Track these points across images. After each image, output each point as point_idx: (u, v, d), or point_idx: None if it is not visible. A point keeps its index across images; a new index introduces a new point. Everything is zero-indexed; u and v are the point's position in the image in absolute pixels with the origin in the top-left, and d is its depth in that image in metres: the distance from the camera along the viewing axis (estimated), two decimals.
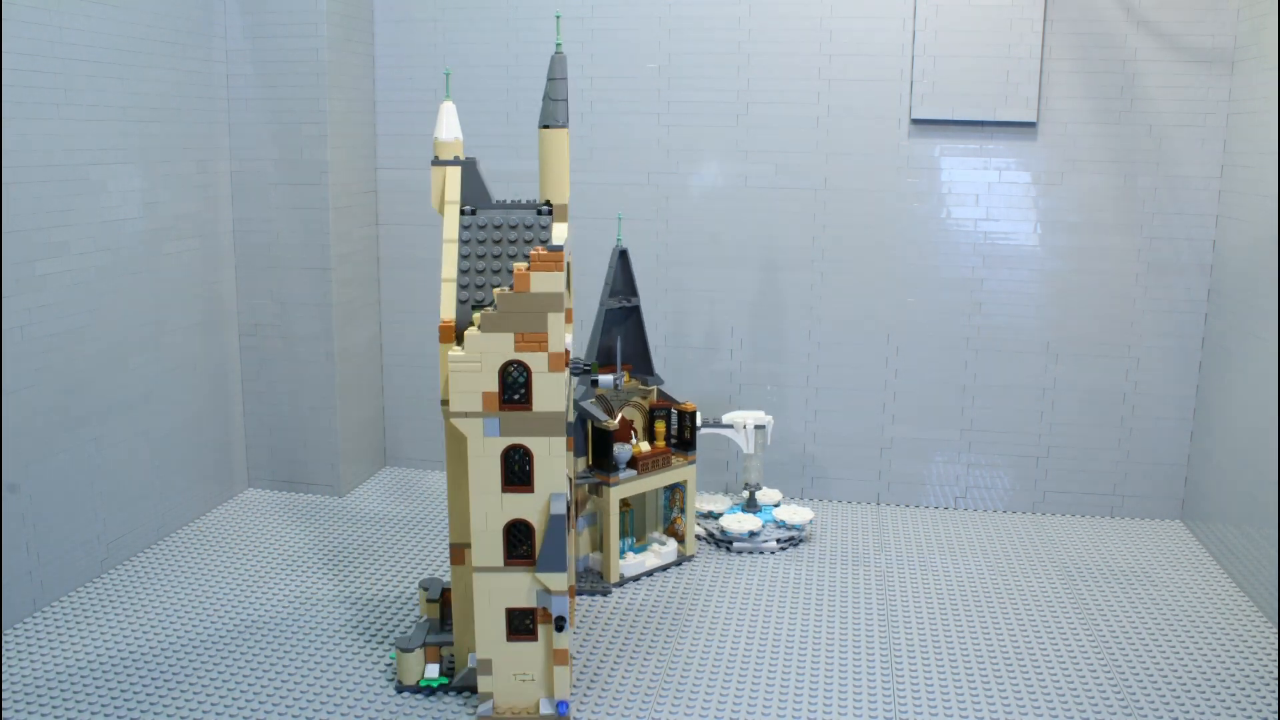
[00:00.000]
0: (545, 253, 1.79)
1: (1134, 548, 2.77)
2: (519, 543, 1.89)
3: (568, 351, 1.90)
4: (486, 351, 1.81)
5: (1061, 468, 2.99)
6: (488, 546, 1.88)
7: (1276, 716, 1.97)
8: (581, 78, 3.03)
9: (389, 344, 3.27)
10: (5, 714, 1.91)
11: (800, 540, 2.76)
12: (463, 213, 1.98)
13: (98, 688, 2.00)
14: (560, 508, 1.85)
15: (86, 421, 2.44)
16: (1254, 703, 2.01)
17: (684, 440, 2.63)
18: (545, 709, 1.92)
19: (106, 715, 1.91)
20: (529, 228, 1.99)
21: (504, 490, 1.86)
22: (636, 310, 2.62)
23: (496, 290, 1.83)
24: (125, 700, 1.96)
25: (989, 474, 3.02)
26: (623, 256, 2.57)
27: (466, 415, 1.83)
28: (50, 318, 2.32)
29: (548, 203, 2.03)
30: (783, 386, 3.06)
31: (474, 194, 2.00)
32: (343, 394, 3.04)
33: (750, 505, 2.83)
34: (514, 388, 1.83)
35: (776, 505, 2.88)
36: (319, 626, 2.27)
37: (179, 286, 2.76)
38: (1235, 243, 2.70)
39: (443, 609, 2.15)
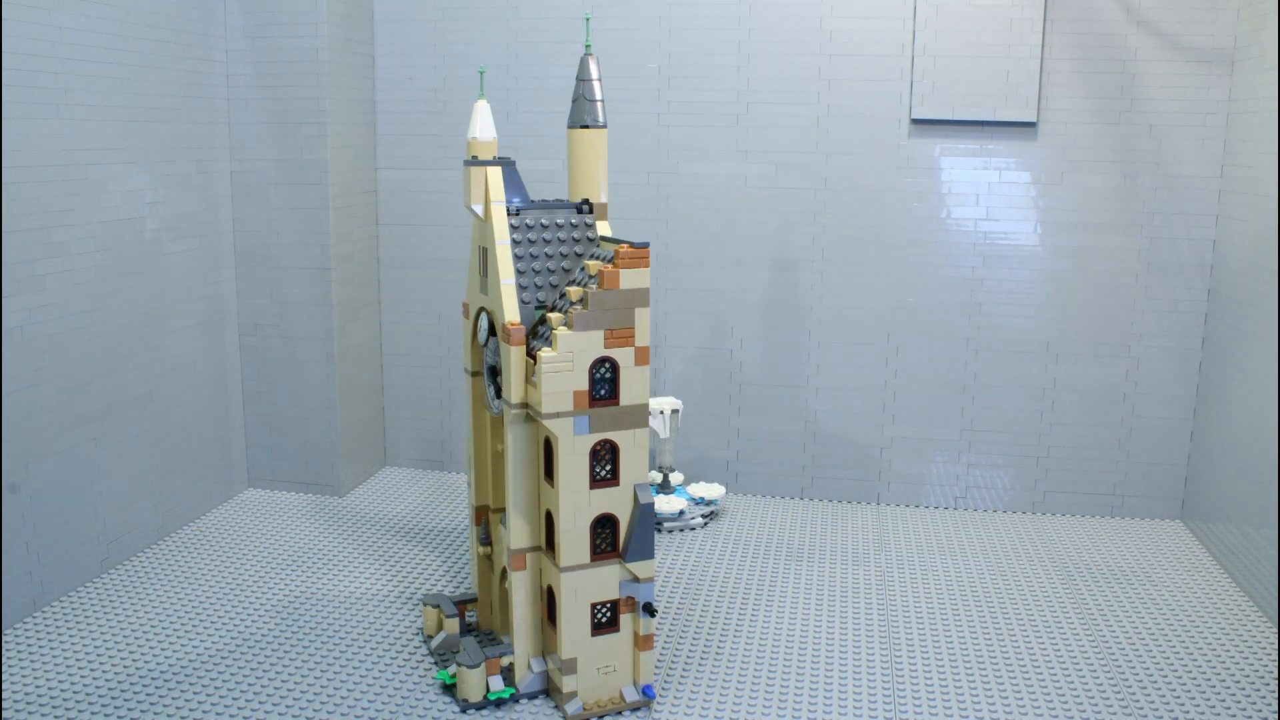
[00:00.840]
0: (632, 250, 1.85)
1: (1134, 548, 2.77)
2: (602, 536, 1.93)
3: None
4: (578, 350, 1.84)
5: (1061, 468, 2.99)
6: (576, 545, 1.90)
7: (1277, 716, 1.97)
8: None
9: (389, 344, 3.27)
10: (5, 714, 1.91)
11: (716, 514, 2.95)
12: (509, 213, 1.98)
13: (98, 688, 2.00)
14: (648, 496, 1.92)
15: (86, 421, 2.44)
16: (1254, 703, 2.01)
17: None
18: (629, 695, 1.97)
19: (106, 715, 1.91)
20: (575, 226, 2.01)
21: (591, 487, 1.89)
22: None
23: (574, 289, 1.88)
24: (125, 700, 1.96)
25: (989, 474, 3.02)
26: None
27: (558, 415, 1.84)
28: (50, 318, 2.32)
29: (586, 200, 2.04)
30: (783, 386, 3.06)
31: (513, 194, 2.01)
32: (343, 394, 3.04)
33: (664, 487, 2.94)
34: (600, 384, 1.87)
35: (684, 484, 3.03)
36: (319, 627, 2.27)
37: (179, 286, 2.76)
38: (1235, 243, 2.70)
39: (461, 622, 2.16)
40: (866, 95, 2.91)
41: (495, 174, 1.95)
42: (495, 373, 2.03)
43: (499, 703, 1.97)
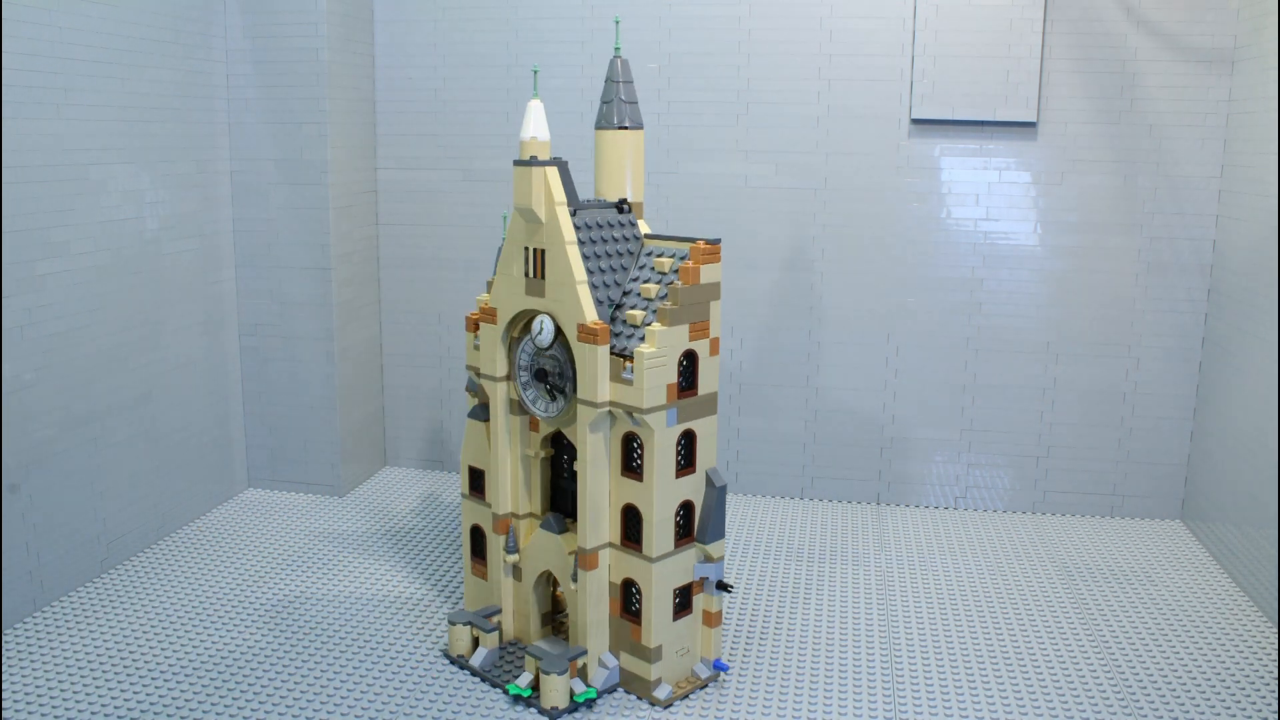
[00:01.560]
0: (706, 245, 1.93)
1: (1134, 548, 2.77)
2: (677, 523, 1.99)
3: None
4: (671, 345, 1.90)
5: (1061, 468, 2.99)
6: (664, 534, 1.95)
7: (1277, 716, 1.97)
8: (581, 77, 3.03)
9: (389, 344, 3.27)
10: (5, 714, 1.91)
11: None
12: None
13: (98, 688, 2.00)
14: (720, 479, 2.01)
15: (86, 421, 2.44)
16: (1254, 703, 2.01)
17: None
18: (701, 673, 2.05)
19: (106, 715, 1.91)
20: (622, 225, 2.04)
21: (676, 476, 1.95)
22: None
23: (649, 286, 1.94)
24: (125, 700, 1.96)
25: (989, 474, 3.02)
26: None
27: (655, 410, 1.88)
28: (50, 318, 2.32)
29: (624, 200, 2.05)
30: (783, 386, 3.06)
31: (567, 195, 2.01)
32: (343, 394, 3.04)
33: None
34: (682, 376, 1.95)
35: None
36: (319, 627, 2.27)
37: (179, 286, 2.76)
38: (1235, 243, 2.70)
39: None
40: (866, 95, 2.91)
41: (554, 174, 1.93)
42: (545, 376, 2.01)
43: (588, 703, 1.97)
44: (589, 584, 1.98)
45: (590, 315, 1.90)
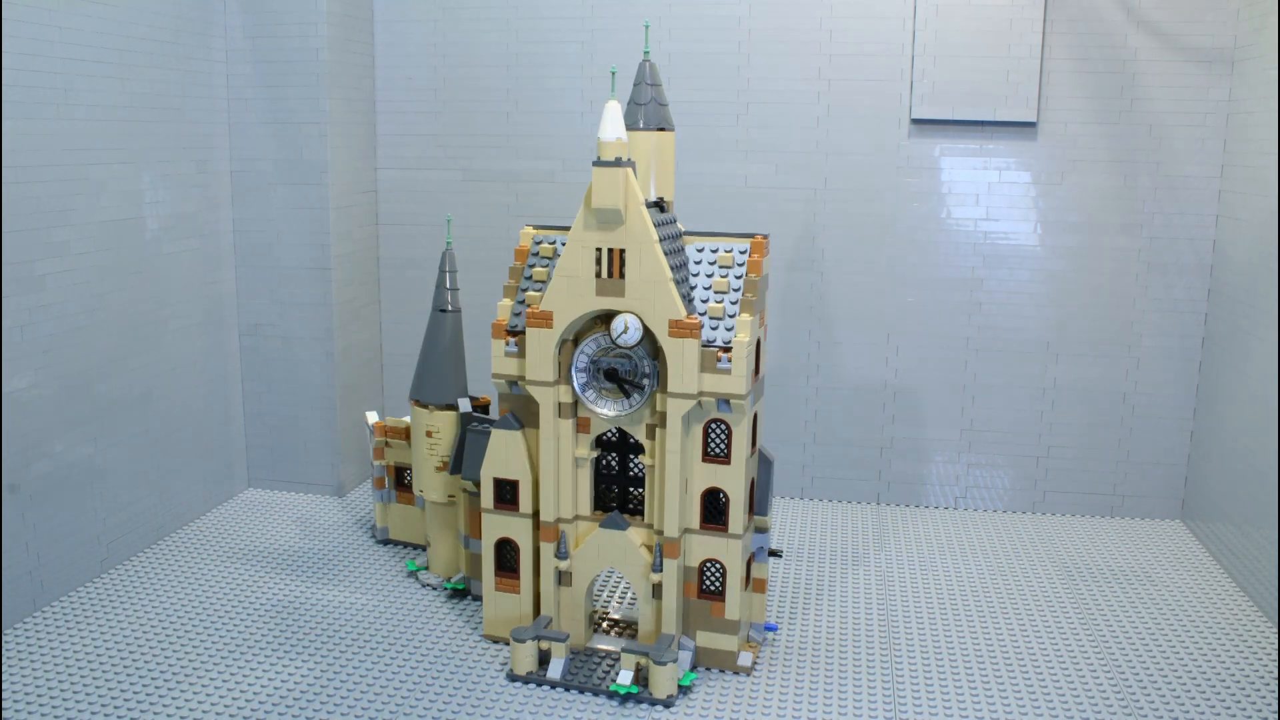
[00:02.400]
0: (761, 239, 2.07)
1: (1134, 548, 2.77)
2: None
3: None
4: (754, 334, 2.02)
5: (1061, 468, 2.99)
6: (741, 512, 2.06)
7: (1277, 716, 1.97)
8: (581, 78, 3.03)
9: (389, 344, 3.27)
10: (5, 714, 1.91)
11: None
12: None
13: (98, 688, 2.00)
14: (770, 454, 2.17)
15: (86, 421, 2.44)
16: (1254, 703, 2.01)
17: None
18: (754, 636, 2.21)
19: (106, 715, 1.91)
20: (666, 224, 2.07)
21: (749, 455, 2.07)
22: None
23: (722, 280, 2.03)
24: (125, 700, 1.96)
25: (989, 474, 3.02)
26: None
27: (743, 396, 1.98)
28: (50, 318, 2.32)
29: (661, 199, 2.10)
30: (782, 386, 3.06)
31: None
32: (343, 394, 3.04)
33: None
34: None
35: None
36: (319, 627, 2.27)
37: (179, 286, 2.76)
38: (1235, 243, 2.70)
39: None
40: (866, 95, 2.91)
41: (632, 175, 1.95)
42: (616, 375, 2.02)
43: (690, 686, 2.04)
44: (672, 571, 2.05)
45: (683, 311, 1.95)
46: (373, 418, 2.72)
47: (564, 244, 2.06)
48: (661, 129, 2.08)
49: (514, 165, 3.10)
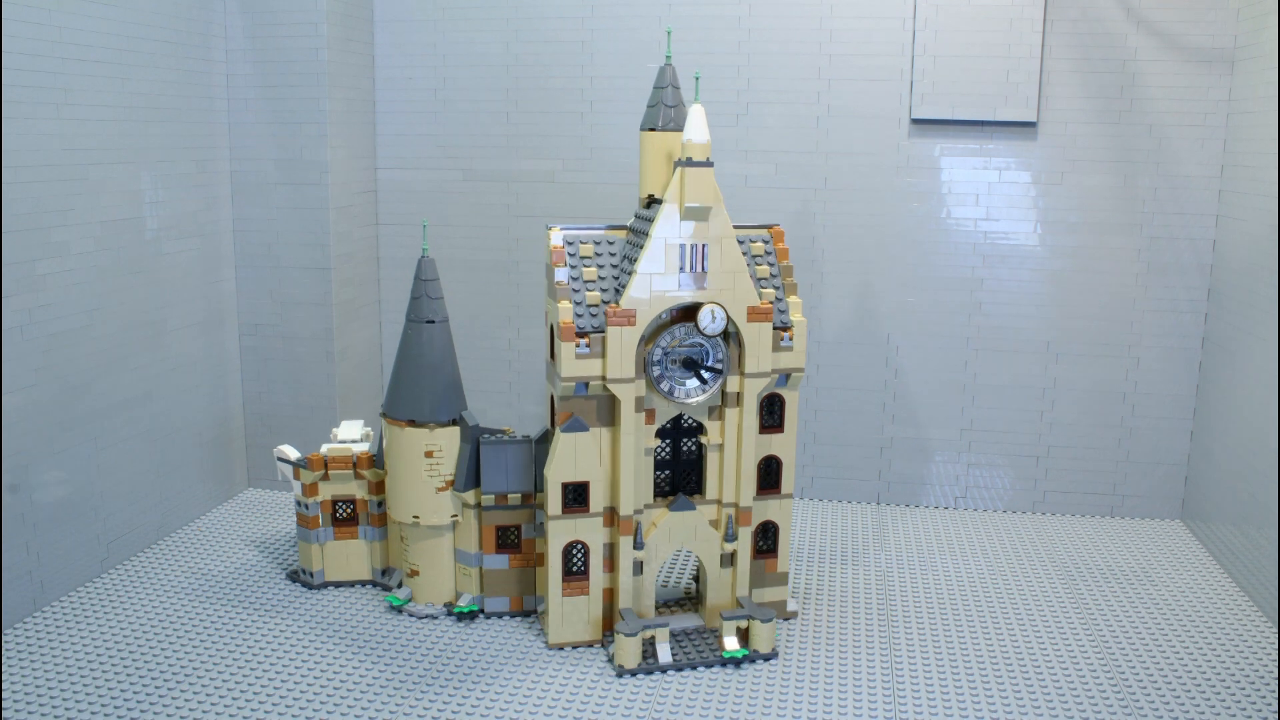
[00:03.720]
0: (779, 229, 2.28)
1: (1134, 548, 2.77)
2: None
3: None
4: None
5: (1061, 468, 2.99)
6: (790, 476, 2.29)
7: (1277, 716, 1.97)
8: (581, 77, 3.03)
9: (389, 344, 3.27)
10: (5, 714, 1.91)
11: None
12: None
13: (98, 688, 2.00)
14: None
15: (86, 421, 2.44)
16: (1254, 703, 2.01)
17: None
18: None
19: (106, 715, 1.91)
20: None
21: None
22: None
23: (763, 267, 2.22)
24: (125, 700, 1.96)
25: (989, 474, 3.02)
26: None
27: (803, 370, 2.22)
28: (50, 318, 2.32)
29: (651, 197, 2.23)
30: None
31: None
32: (343, 394, 3.04)
33: None
34: None
35: None
36: (320, 627, 2.27)
37: (179, 286, 2.76)
38: (1235, 243, 2.70)
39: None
40: (866, 95, 2.91)
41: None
42: (694, 363, 2.16)
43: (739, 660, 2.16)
44: (746, 538, 2.23)
45: (759, 297, 2.16)
46: (293, 453, 2.48)
47: (609, 242, 2.20)
48: (666, 129, 2.20)
49: (514, 165, 3.10)
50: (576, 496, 2.17)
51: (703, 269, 2.10)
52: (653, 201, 2.17)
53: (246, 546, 2.69)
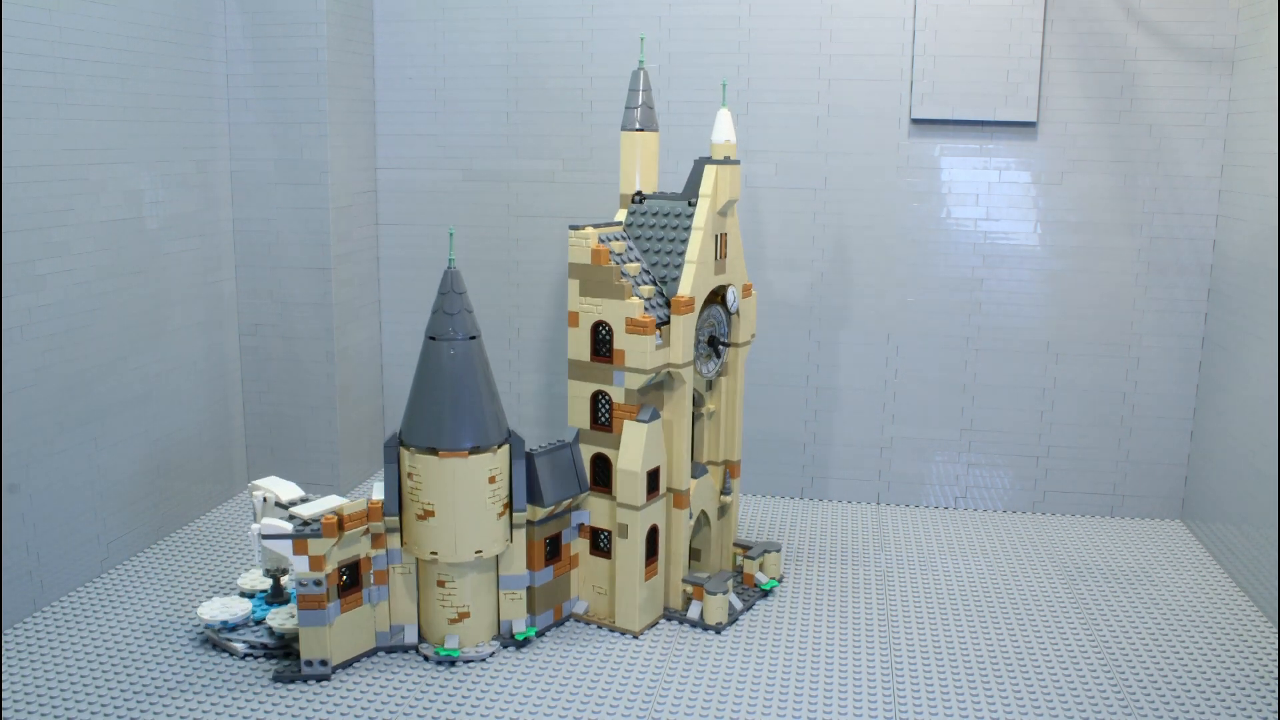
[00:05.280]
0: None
1: (1134, 548, 2.77)
2: None
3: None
4: None
5: (1061, 468, 2.99)
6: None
7: (1277, 716, 1.97)
8: (581, 77, 3.03)
9: (389, 344, 3.27)
10: (5, 714, 1.91)
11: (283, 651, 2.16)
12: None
13: (98, 688, 2.00)
14: None
15: (86, 421, 2.44)
16: (1254, 703, 2.01)
17: None
18: None
19: (106, 715, 1.91)
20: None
21: None
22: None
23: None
24: (125, 700, 1.96)
25: (989, 474, 3.02)
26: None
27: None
28: (50, 318, 2.32)
29: (640, 191, 2.38)
30: (783, 386, 3.06)
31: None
32: (343, 394, 3.04)
33: (277, 596, 2.27)
34: None
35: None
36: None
37: (179, 286, 2.76)
38: (1235, 243, 2.70)
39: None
40: (866, 95, 2.91)
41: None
42: (715, 340, 2.37)
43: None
44: (737, 488, 2.51)
45: (747, 276, 2.47)
46: (284, 525, 2.05)
47: (624, 239, 2.31)
48: (654, 130, 2.37)
49: (514, 165, 3.10)
50: (652, 483, 2.24)
51: (724, 255, 2.34)
52: (644, 198, 2.35)
53: (246, 546, 2.69)
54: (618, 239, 2.28)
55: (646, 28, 2.96)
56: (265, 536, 2.03)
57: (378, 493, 2.13)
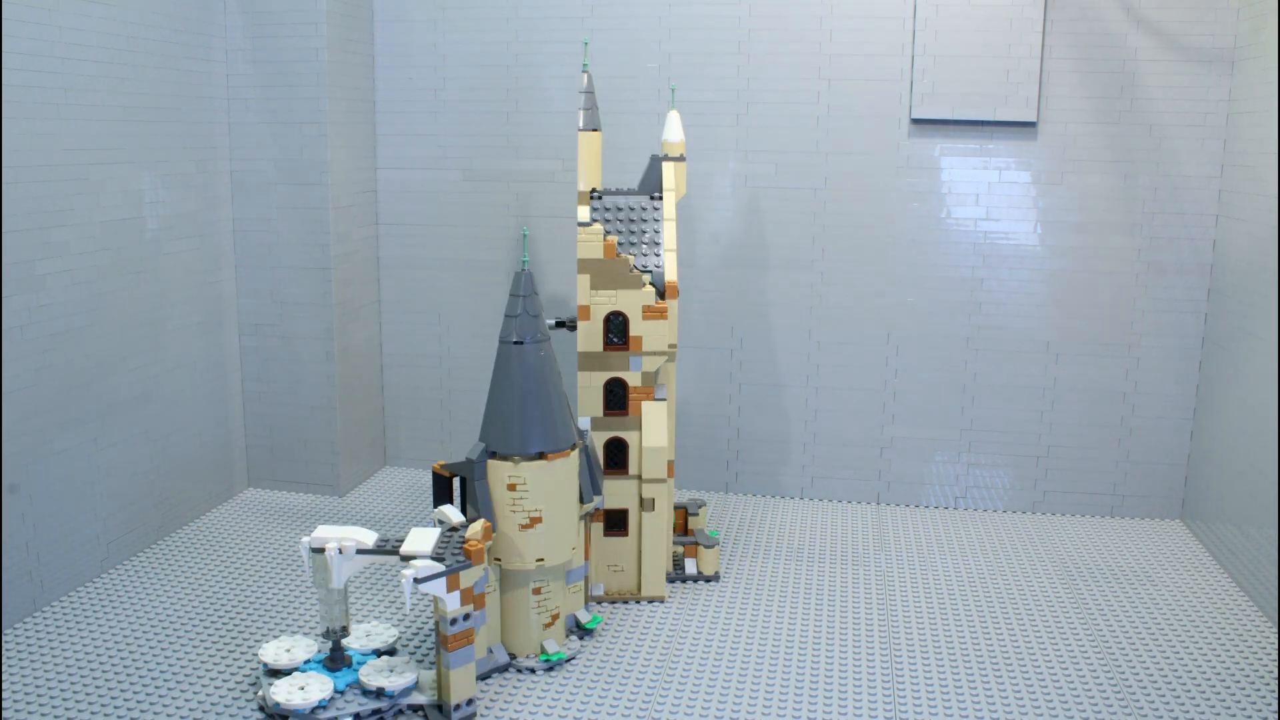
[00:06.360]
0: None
1: (1134, 548, 2.77)
2: None
3: None
4: None
5: (1061, 468, 2.99)
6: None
7: (1277, 716, 1.97)
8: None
9: (389, 344, 3.27)
10: (5, 714, 1.91)
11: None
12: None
13: (98, 688, 2.00)
14: None
15: (86, 421, 2.44)
16: (1254, 703, 2.01)
17: None
18: None
19: (106, 715, 1.91)
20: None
21: None
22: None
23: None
24: (125, 700, 1.96)
25: (989, 474, 3.02)
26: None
27: None
28: (50, 318, 2.32)
29: (594, 188, 2.47)
30: (783, 386, 3.06)
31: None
32: (343, 394, 3.04)
33: (335, 660, 2.00)
34: None
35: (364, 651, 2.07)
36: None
37: (179, 286, 2.76)
38: (1235, 243, 2.70)
39: None
40: (866, 95, 2.91)
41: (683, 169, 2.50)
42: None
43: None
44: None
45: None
46: (432, 565, 1.87)
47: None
48: (598, 130, 2.46)
49: (514, 165, 3.10)
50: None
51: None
52: (604, 194, 2.47)
53: (246, 547, 2.69)
54: (610, 233, 2.39)
55: (646, 28, 2.97)
56: (419, 580, 1.85)
57: (417, 537, 1.95)
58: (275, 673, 1.96)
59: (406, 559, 1.90)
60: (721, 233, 3.02)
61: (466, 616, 1.90)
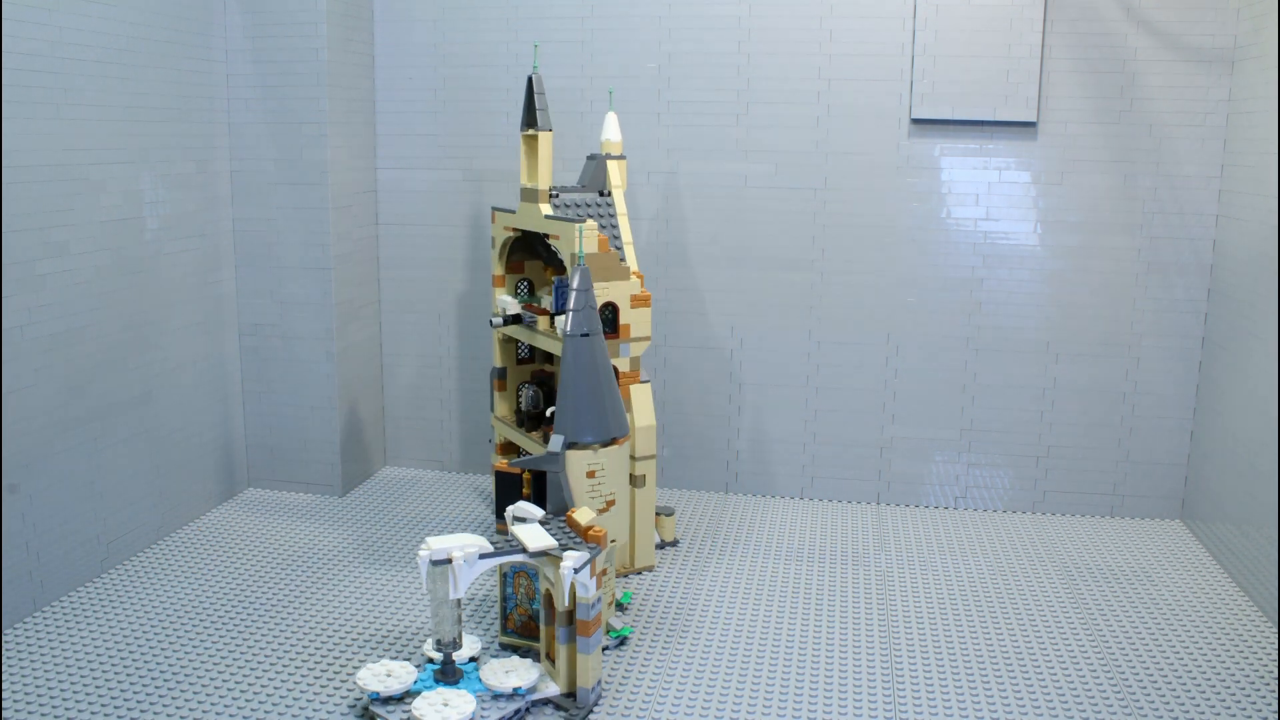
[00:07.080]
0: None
1: (1134, 548, 2.77)
2: None
3: None
4: None
5: (1061, 468, 2.99)
6: None
7: (1277, 716, 1.97)
8: (581, 77, 3.03)
9: (389, 344, 3.27)
10: (5, 714, 1.91)
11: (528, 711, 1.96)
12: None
13: (98, 688, 2.00)
14: None
15: (86, 421, 2.44)
16: (1254, 703, 2.01)
17: None
18: None
19: (106, 715, 1.91)
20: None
21: None
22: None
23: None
24: (125, 700, 1.96)
25: (989, 474, 3.02)
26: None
27: None
28: (50, 318, 2.32)
29: (553, 187, 2.64)
30: (783, 386, 3.06)
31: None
32: (343, 394, 3.04)
33: (448, 673, 1.96)
34: None
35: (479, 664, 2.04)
36: (319, 627, 2.27)
37: (179, 286, 2.76)
38: (1235, 243, 2.70)
39: None
40: (866, 95, 2.91)
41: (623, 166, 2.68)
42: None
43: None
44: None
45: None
46: (576, 555, 1.90)
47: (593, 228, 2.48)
48: (550, 130, 2.59)
49: (514, 165, 3.10)
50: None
51: None
52: (560, 190, 2.61)
53: (246, 547, 2.69)
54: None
55: (647, 27, 2.97)
56: (577, 569, 1.87)
57: (529, 534, 1.97)
58: (387, 700, 1.89)
59: (536, 555, 1.96)
60: (721, 232, 3.02)
61: (599, 601, 1.95)
